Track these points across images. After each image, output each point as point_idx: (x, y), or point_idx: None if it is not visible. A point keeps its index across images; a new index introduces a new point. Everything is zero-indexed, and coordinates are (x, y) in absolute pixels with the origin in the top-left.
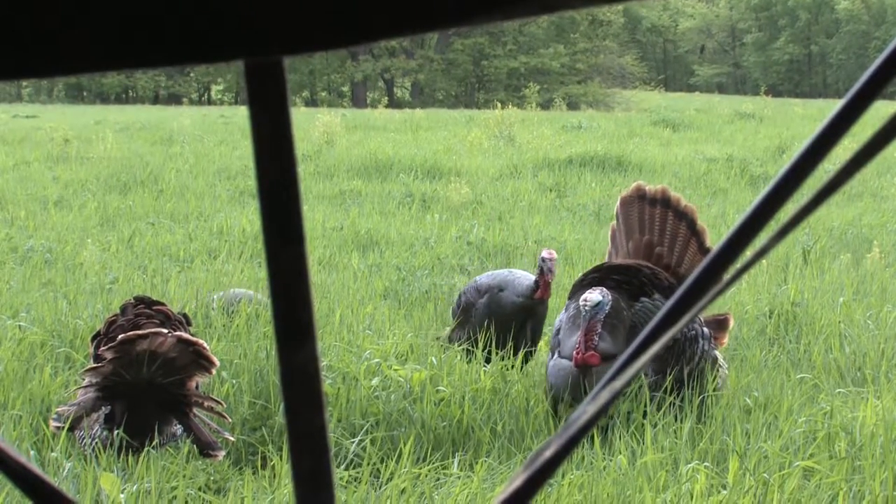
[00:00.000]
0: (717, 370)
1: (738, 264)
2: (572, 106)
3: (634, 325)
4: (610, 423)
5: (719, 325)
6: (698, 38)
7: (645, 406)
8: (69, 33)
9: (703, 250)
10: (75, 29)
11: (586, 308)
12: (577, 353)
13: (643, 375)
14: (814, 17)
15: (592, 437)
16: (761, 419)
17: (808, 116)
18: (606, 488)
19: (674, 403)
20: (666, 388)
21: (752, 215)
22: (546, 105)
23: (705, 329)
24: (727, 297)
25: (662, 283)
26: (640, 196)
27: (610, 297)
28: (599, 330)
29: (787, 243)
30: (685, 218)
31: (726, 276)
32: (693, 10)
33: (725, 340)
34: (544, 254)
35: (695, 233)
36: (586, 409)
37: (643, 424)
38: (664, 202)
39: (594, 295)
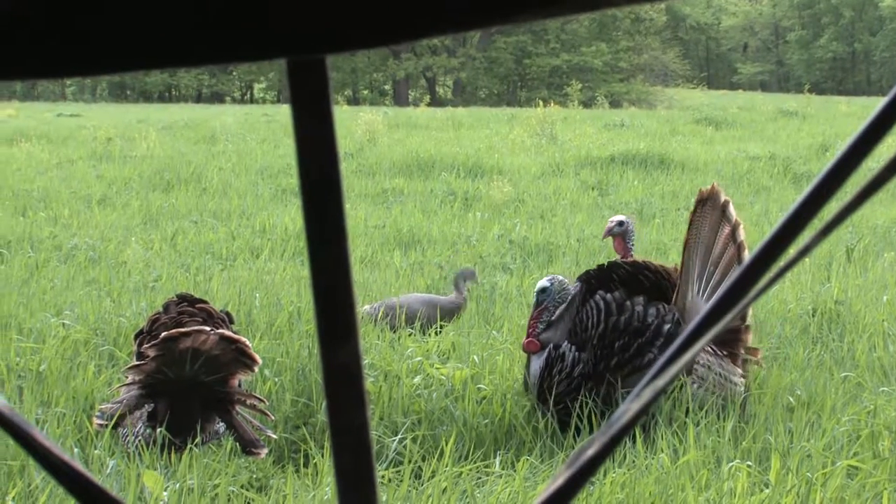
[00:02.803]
0: (691, 379)
1: (782, 262)
2: (615, 104)
3: (581, 320)
4: (652, 421)
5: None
6: (741, 35)
7: (687, 404)
8: (113, 31)
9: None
10: (119, 27)
11: (535, 293)
12: (524, 339)
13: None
14: (857, 15)
15: (635, 436)
16: (804, 418)
17: (851, 114)
18: (649, 487)
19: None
20: (586, 374)
21: (795, 213)
22: (588, 103)
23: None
24: (770, 295)
25: (663, 283)
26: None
27: (566, 285)
28: (544, 318)
29: (830, 241)
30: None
31: (770, 274)
32: (736, 8)
33: (749, 341)
34: (621, 218)
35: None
36: (629, 408)
37: (685, 423)
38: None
39: (543, 281)
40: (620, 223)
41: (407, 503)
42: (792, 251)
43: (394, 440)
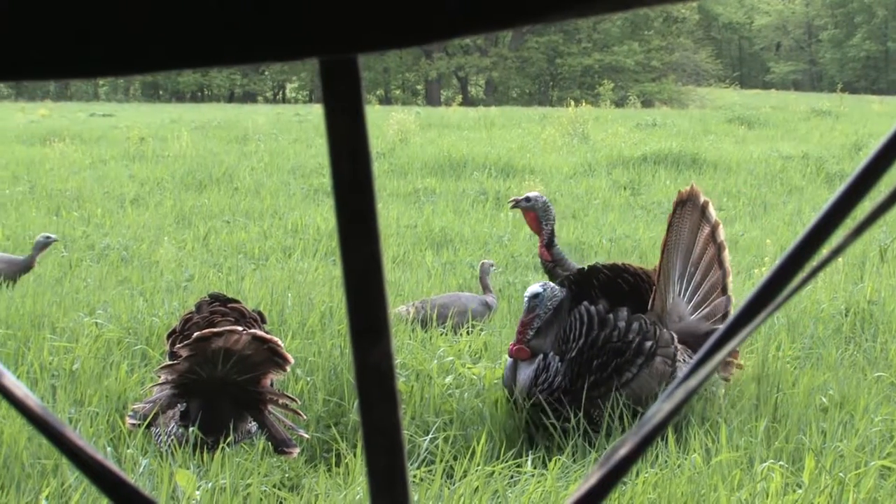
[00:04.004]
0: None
1: (814, 262)
2: (647, 103)
3: (565, 330)
4: (684, 421)
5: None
6: (774, 34)
7: (719, 404)
8: (146, 31)
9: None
10: (152, 27)
11: (526, 298)
12: (512, 344)
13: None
14: (891, 14)
15: (667, 436)
16: (837, 418)
17: (885, 113)
18: (681, 487)
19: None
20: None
21: (827, 213)
22: (620, 102)
23: (672, 349)
24: (803, 294)
25: (643, 286)
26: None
27: (557, 291)
28: (535, 325)
29: (863, 241)
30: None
31: (802, 274)
32: (769, 7)
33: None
34: (531, 193)
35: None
36: (661, 407)
37: (718, 422)
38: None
39: (535, 287)
40: (527, 199)
41: (439, 503)
42: (825, 251)
43: (425, 440)
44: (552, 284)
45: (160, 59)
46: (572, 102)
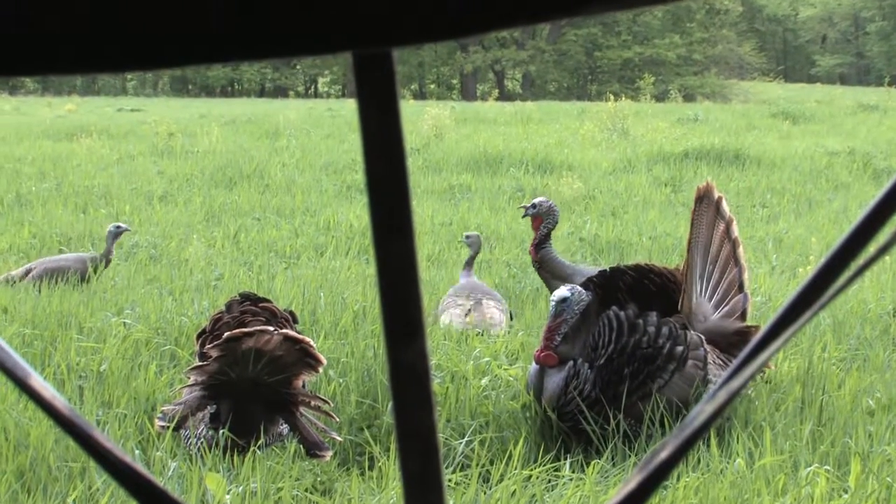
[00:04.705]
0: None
1: (861, 260)
2: (688, 97)
3: (594, 336)
4: (727, 424)
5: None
6: (820, 27)
7: (763, 407)
8: (174, 24)
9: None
10: (181, 20)
11: (553, 302)
12: (538, 350)
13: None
14: None
15: (709, 439)
16: (885, 421)
17: None
18: (723, 491)
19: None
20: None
21: (874, 210)
22: (661, 97)
23: (702, 351)
24: (849, 294)
25: (669, 286)
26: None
27: (584, 295)
28: (562, 330)
29: None
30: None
31: (847, 273)
32: None
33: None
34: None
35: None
36: (703, 410)
37: (762, 426)
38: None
39: (563, 290)
40: (533, 205)
41: None
42: (871, 249)
43: (461, 443)
44: (580, 288)
45: (190, 53)
46: (611, 97)
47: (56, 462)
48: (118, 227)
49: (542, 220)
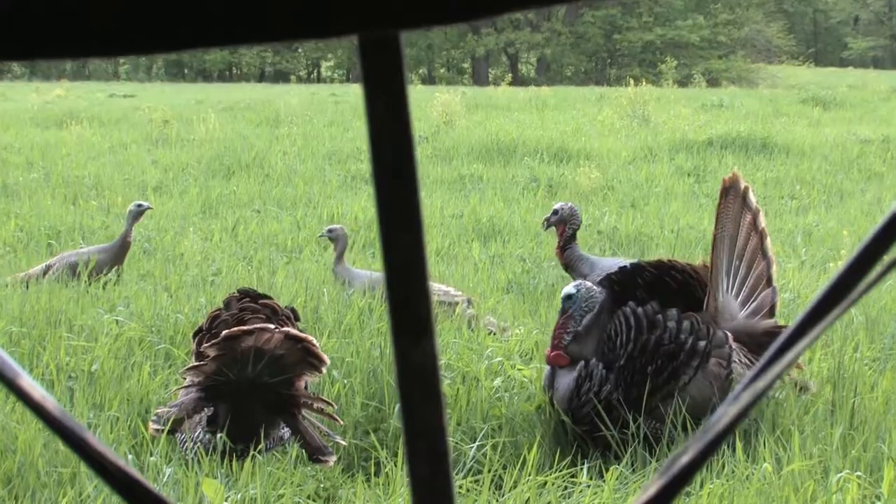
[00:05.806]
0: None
1: (893, 254)
2: (712, 82)
3: (610, 335)
4: (753, 427)
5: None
6: (852, 7)
7: (791, 410)
8: (169, 5)
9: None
10: (177, 2)
11: (562, 300)
12: (548, 351)
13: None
14: None
15: (734, 443)
16: None
17: None
18: (750, 498)
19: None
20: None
21: None
22: (684, 82)
23: (726, 349)
24: (882, 290)
25: (691, 282)
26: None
27: (595, 292)
28: (571, 328)
29: None
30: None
31: (879, 268)
32: None
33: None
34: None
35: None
36: (726, 412)
37: (790, 429)
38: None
39: (569, 287)
40: (555, 212)
41: None
42: None
43: (472, 447)
44: (588, 284)
45: (186, 37)
46: (632, 81)
47: (45, 467)
48: (140, 205)
49: (566, 225)
